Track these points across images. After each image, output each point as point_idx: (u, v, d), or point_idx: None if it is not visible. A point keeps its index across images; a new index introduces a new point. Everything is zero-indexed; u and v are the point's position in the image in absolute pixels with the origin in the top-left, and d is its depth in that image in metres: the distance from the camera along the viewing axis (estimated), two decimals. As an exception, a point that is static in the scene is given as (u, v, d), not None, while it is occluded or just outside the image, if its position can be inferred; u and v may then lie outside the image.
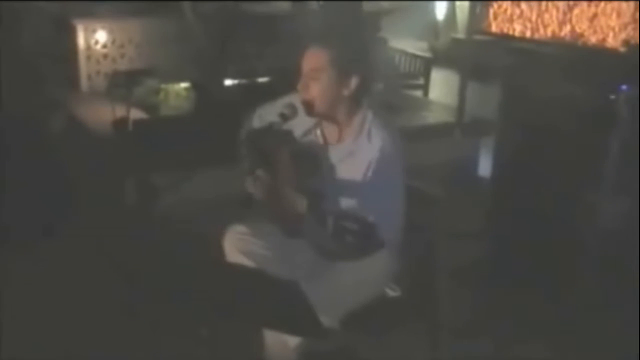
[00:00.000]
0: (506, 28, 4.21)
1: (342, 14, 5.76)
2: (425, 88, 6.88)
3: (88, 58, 5.99)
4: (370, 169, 2.15)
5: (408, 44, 7.50)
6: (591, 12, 3.67)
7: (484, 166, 4.40)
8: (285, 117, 2.21)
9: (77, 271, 3.29)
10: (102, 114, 4.34)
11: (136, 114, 4.35)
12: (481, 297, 3.35)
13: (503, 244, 3.53)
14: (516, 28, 4.15)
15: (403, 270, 2.33)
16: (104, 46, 6.04)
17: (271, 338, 2.28)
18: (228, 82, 5.91)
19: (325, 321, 2.02)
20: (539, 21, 3.99)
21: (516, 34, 4.14)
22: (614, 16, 3.55)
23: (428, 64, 6.87)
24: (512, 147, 3.58)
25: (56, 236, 3.56)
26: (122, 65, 5.94)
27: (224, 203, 2.45)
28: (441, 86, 6.99)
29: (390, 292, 2.37)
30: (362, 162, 2.17)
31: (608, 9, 3.58)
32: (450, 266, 2.91)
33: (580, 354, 2.92)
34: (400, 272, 2.34)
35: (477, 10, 4.88)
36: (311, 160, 2.22)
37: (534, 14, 4.02)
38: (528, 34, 4.05)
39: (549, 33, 3.91)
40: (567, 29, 3.79)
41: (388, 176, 2.14)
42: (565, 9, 3.82)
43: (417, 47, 7.81)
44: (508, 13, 4.19)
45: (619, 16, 3.52)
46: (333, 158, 2.24)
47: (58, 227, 3.63)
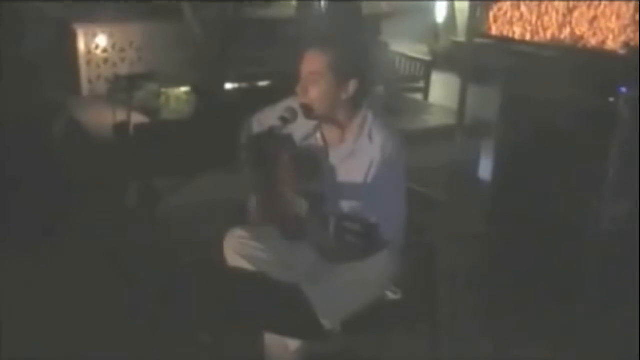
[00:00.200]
0: (506, 31, 4.21)
1: (342, 18, 5.77)
2: (425, 91, 6.90)
3: (89, 62, 6.01)
4: (371, 169, 2.16)
5: (408, 47, 7.51)
6: (591, 15, 3.67)
7: (485, 169, 4.40)
8: (285, 121, 2.21)
9: (79, 275, 3.29)
10: (103, 118, 4.35)
11: (137, 118, 4.36)
12: (482, 299, 3.35)
13: (504, 246, 3.53)
14: (516, 31, 4.15)
15: (404, 272, 2.33)
16: (105, 50, 6.06)
17: (272, 341, 2.28)
18: (228, 86, 5.93)
19: (326, 324, 2.02)
20: (539, 24, 3.99)
21: (516, 37, 4.14)
22: (614, 18, 3.55)
23: (428, 67, 6.89)
24: (513, 150, 3.58)
25: (57, 239, 3.56)
26: (123, 69, 5.96)
27: (225, 207, 2.45)
28: (441, 89, 6.99)
29: (391, 295, 2.37)
30: (364, 163, 2.17)
31: (608, 12, 3.59)
32: (451, 268, 2.91)
33: (580, 355, 2.92)
34: (401, 275, 2.34)
35: (477, 13, 4.89)
36: (312, 163, 2.22)
37: (534, 17, 4.02)
38: (528, 37, 4.05)
39: (549, 36, 3.91)
40: (567, 32, 3.80)
41: (389, 176, 2.14)
42: (565, 12, 3.82)
43: (417, 50, 7.82)
44: (508, 16, 4.19)
45: (619, 18, 3.53)
46: (334, 160, 2.24)
47: (59, 230, 3.63)
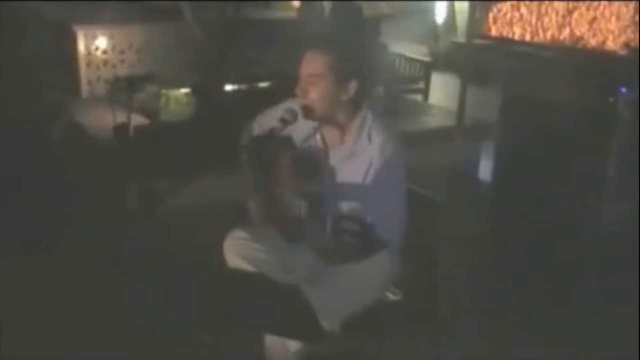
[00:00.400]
0: (506, 32, 4.21)
1: (343, 19, 5.78)
2: (425, 92, 6.90)
3: (88, 64, 6.01)
4: (370, 170, 2.15)
5: (408, 48, 7.52)
6: (590, 16, 3.67)
7: (485, 170, 4.40)
8: (285, 122, 2.21)
9: (79, 276, 3.29)
10: (103, 120, 4.35)
11: (137, 120, 4.36)
12: (482, 300, 3.35)
13: (504, 247, 3.52)
14: (516, 31, 4.16)
15: (404, 273, 2.33)
16: (105, 52, 6.06)
17: (272, 342, 2.28)
18: (228, 88, 5.93)
19: (326, 325, 2.02)
20: (539, 24, 3.99)
21: (516, 38, 4.15)
22: (613, 19, 3.55)
23: (428, 68, 6.89)
24: (513, 150, 3.58)
25: (57, 241, 3.56)
26: (123, 71, 5.96)
27: (225, 208, 2.45)
28: (441, 90, 7.00)
29: (391, 296, 2.37)
30: (363, 163, 2.17)
31: (607, 12, 3.59)
32: (451, 269, 2.91)
33: (580, 355, 2.92)
34: (401, 276, 2.33)
35: (477, 14, 4.89)
36: (311, 164, 2.22)
37: (534, 18, 4.02)
38: (528, 38, 4.05)
39: (549, 36, 3.92)
40: (567, 32, 3.80)
41: (388, 177, 2.14)
42: (564, 13, 3.83)
43: (417, 51, 7.83)
44: (508, 17, 4.20)
45: (619, 19, 3.53)
46: (334, 161, 2.24)
47: (59, 232, 3.63)
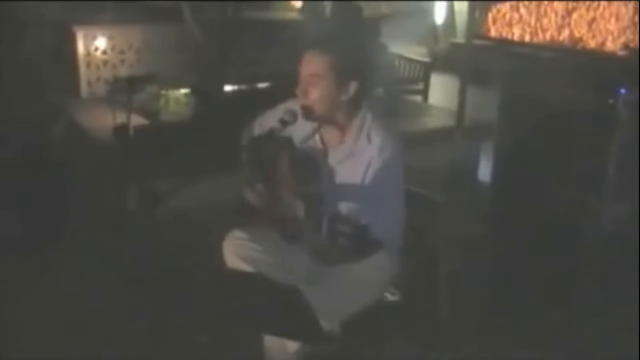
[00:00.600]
0: (505, 32, 4.22)
1: (344, 19, 5.78)
2: (424, 93, 6.90)
3: (88, 64, 6.01)
4: (369, 169, 2.15)
5: (407, 49, 7.51)
6: (590, 17, 3.68)
7: (484, 170, 4.40)
8: (284, 123, 2.21)
9: (78, 276, 3.29)
10: (103, 120, 4.35)
11: (136, 120, 4.35)
12: (482, 300, 3.35)
13: (504, 247, 3.52)
14: (515, 32, 4.16)
15: (403, 274, 2.33)
16: (104, 52, 6.06)
17: (271, 342, 2.28)
18: (228, 88, 5.93)
19: (325, 325, 2.02)
20: (538, 25, 4.00)
21: (515, 39, 4.15)
22: (613, 20, 3.56)
23: (427, 69, 6.89)
24: (512, 151, 3.58)
25: (57, 241, 3.56)
26: (122, 71, 5.96)
27: (224, 209, 2.45)
28: (441, 91, 7.00)
29: (390, 296, 2.37)
30: (362, 163, 2.17)
31: (607, 13, 3.59)
32: (450, 270, 2.91)
33: (580, 355, 2.92)
34: (400, 276, 2.34)
35: (476, 14, 4.89)
36: (311, 165, 2.22)
37: (533, 19, 4.02)
38: (527, 39, 4.06)
39: (548, 37, 3.92)
40: (566, 33, 3.80)
41: (387, 177, 2.14)
42: (564, 14, 3.83)
43: (417, 52, 7.83)
44: (507, 17, 4.20)
45: (618, 20, 3.53)
46: (333, 161, 2.24)
47: (59, 233, 3.63)
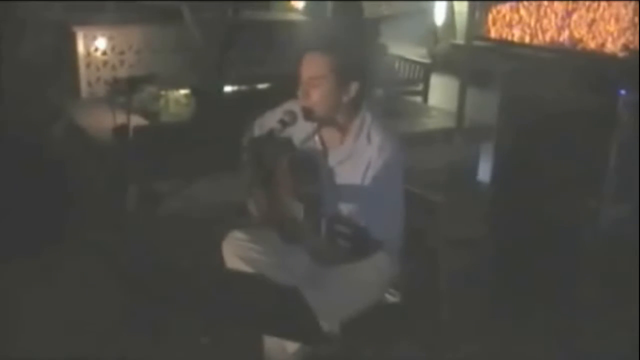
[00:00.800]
0: (505, 34, 4.22)
1: (344, 20, 5.78)
2: (424, 94, 6.89)
3: (88, 65, 6.00)
4: (369, 170, 2.16)
5: (407, 50, 7.51)
6: (590, 18, 3.68)
7: (484, 171, 4.40)
8: (284, 124, 2.21)
9: (78, 277, 3.30)
10: (102, 121, 4.34)
11: (136, 121, 4.35)
12: (482, 301, 3.35)
13: (503, 247, 3.53)
14: (515, 34, 4.16)
15: (403, 275, 2.33)
16: (104, 53, 6.05)
17: (270, 343, 2.28)
18: (228, 89, 5.92)
19: (325, 326, 2.02)
20: (538, 26, 4.00)
21: (515, 40, 4.16)
22: (613, 21, 3.56)
23: (427, 70, 6.89)
24: (512, 152, 3.59)
25: (57, 242, 3.56)
26: (122, 72, 5.94)
27: (224, 209, 2.45)
28: (440, 92, 6.99)
29: (390, 297, 2.37)
30: (361, 163, 2.17)
31: (607, 15, 3.59)
32: (450, 270, 2.91)
33: (580, 355, 2.92)
34: (400, 277, 2.33)
35: (476, 15, 4.89)
36: (310, 166, 2.22)
37: (533, 20, 4.03)
38: (527, 40, 4.06)
39: (548, 38, 3.92)
40: (566, 35, 3.81)
41: (387, 178, 2.14)
42: (563, 15, 3.83)
43: (417, 53, 7.83)
44: (507, 19, 4.20)
45: (618, 21, 3.54)
46: (332, 162, 2.24)
47: (59, 233, 3.63)
